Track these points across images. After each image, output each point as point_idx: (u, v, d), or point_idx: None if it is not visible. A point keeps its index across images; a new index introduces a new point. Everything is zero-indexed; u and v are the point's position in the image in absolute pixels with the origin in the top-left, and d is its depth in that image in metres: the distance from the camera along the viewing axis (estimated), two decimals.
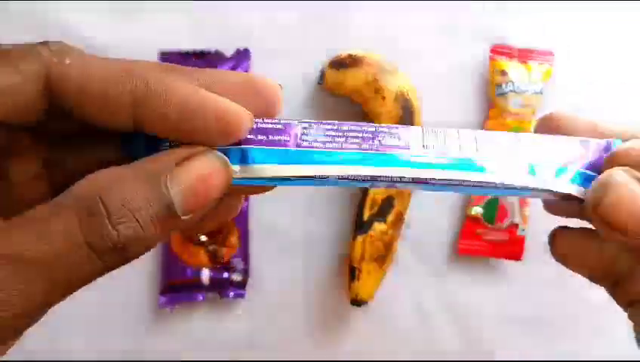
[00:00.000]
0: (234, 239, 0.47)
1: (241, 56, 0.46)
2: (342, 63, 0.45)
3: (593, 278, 0.22)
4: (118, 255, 0.16)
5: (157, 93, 0.17)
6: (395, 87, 0.44)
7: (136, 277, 0.47)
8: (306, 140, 0.20)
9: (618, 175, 0.18)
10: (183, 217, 0.17)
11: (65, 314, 0.47)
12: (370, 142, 0.21)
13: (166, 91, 0.17)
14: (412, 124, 0.44)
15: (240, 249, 0.47)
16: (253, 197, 0.47)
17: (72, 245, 0.15)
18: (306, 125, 0.21)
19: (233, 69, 0.46)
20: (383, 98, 0.44)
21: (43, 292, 0.16)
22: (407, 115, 0.44)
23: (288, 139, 0.20)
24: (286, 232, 0.48)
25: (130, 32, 0.46)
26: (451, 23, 0.48)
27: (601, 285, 0.22)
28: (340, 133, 0.21)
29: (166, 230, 0.17)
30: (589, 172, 0.21)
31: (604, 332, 0.49)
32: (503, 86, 0.47)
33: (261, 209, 0.48)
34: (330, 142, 0.20)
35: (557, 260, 0.23)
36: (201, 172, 0.17)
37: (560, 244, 0.22)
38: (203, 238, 0.47)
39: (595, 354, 0.48)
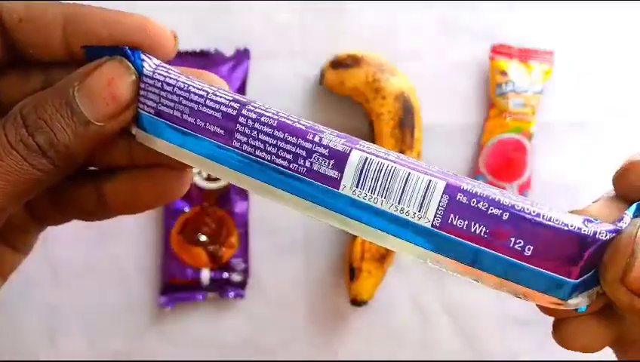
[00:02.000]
0: (234, 239, 0.47)
1: (241, 56, 0.46)
2: (342, 63, 0.45)
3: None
4: (41, 158, 0.18)
5: (84, 12, 0.19)
6: (395, 87, 0.44)
7: (136, 277, 0.47)
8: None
9: None
10: (97, 123, 0.19)
11: (65, 314, 0.47)
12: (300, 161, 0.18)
13: (91, 11, 0.19)
14: (412, 124, 0.44)
15: (240, 249, 0.47)
16: (253, 197, 0.47)
17: (2, 150, 0.18)
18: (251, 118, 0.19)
19: (233, 68, 0.46)
20: (383, 98, 0.44)
21: None
22: (407, 115, 0.44)
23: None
24: (286, 232, 0.48)
25: None
26: (451, 22, 0.48)
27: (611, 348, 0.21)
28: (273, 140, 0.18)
29: (81, 136, 0.19)
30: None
31: None
32: (503, 86, 0.47)
33: (261, 209, 0.48)
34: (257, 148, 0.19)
35: (565, 348, 0.20)
36: (104, 76, 0.19)
37: (566, 330, 0.19)
38: (203, 238, 0.47)
39: (595, 353, 0.48)
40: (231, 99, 0.19)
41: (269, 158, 0.18)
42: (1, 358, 0.46)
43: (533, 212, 0.16)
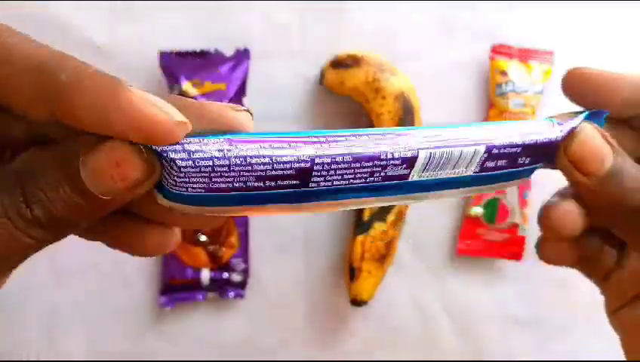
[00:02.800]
0: (234, 239, 0.47)
1: (241, 56, 0.46)
2: (342, 63, 0.45)
3: (582, 272, 0.27)
4: (43, 231, 0.18)
5: (68, 86, 0.16)
6: (395, 87, 0.44)
7: (136, 277, 0.47)
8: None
9: (586, 126, 0.23)
10: (103, 197, 0.17)
11: (65, 314, 0.47)
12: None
13: (79, 83, 0.16)
14: (412, 124, 0.44)
15: (240, 249, 0.47)
16: None
17: None
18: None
19: (233, 68, 0.46)
20: (383, 98, 0.44)
21: None
22: (407, 115, 0.44)
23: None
24: (286, 232, 0.48)
25: (130, 31, 0.46)
26: (451, 22, 0.48)
27: (575, 268, 0.26)
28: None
29: (84, 209, 0.18)
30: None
31: (604, 332, 0.49)
32: (503, 86, 0.47)
33: None
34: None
35: (545, 263, 0.26)
36: (112, 155, 0.17)
37: (549, 253, 0.26)
38: (203, 238, 0.47)
39: (595, 354, 0.48)
40: (296, 159, 0.19)
41: (346, 183, 0.20)
42: (1, 358, 0.46)
43: (532, 140, 0.22)
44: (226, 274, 0.47)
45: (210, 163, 0.18)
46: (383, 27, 0.48)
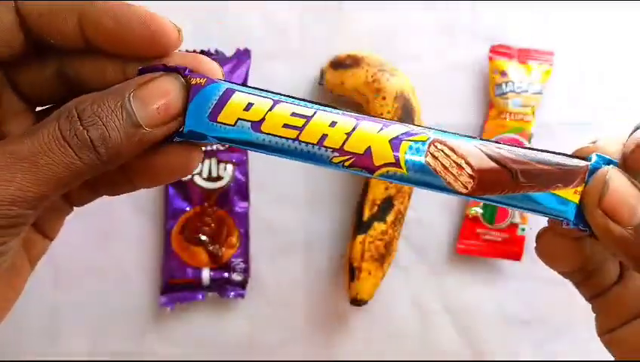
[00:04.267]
0: (234, 239, 0.47)
1: (241, 56, 0.46)
2: (342, 63, 0.45)
3: (565, 273, 0.26)
4: (91, 152, 0.20)
5: (94, 7, 0.21)
6: (395, 87, 0.44)
7: (137, 277, 0.47)
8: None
9: (613, 171, 0.21)
10: (146, 128, 0.20)
11: (65, 314, 0.47)
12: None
13: (102, 6, 0.21)
14: (412, 124, 0.44)
15: (240, 248, 0.47)
16: (253, 197, 0.47)
17: (52, 140, 0.19)
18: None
19: (233, 69, 0.46)
20: (383, 98, 0.44)
21: (34, 182, 0.19)
22: (407, 115, 0.44)
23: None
24: (286, 232, 0.48)
25: None
26: (451, 22, 0.48)
27: (567, 278, 0.26)
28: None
29: (131, 137, 0.20)
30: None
31: None
32: (503, 86, 0.47)
33: (261, 209, 0.48)
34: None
35: (541, 259, 0.25)
36: (159, 88, 0.21)
37: (548, 246, 0.25)
38: (203, 238, 0.47)
39: (594, 354, 0.48)
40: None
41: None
42: (2, 358, 0.46)
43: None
44: (226, 274, 0.47)
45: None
46: (383, 27, 0.48)
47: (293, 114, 0.21)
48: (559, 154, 0.21)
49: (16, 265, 0.23)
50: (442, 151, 0.21)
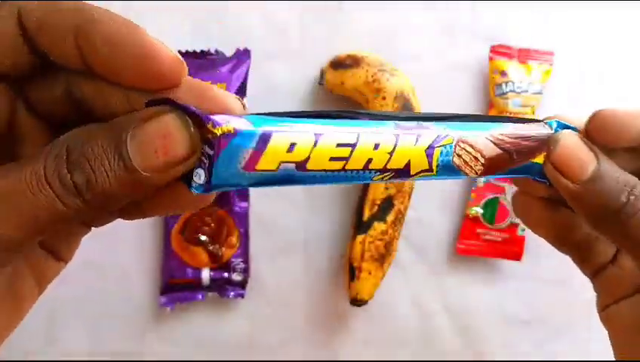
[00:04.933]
0: (234, 239, 0.47)
1: (241, 56, 0.46)
2: (342, 63, 0.45)
3: (555, 244, 0.27)
4: (77, 199, 0.18)
5: (92, 24, 0.18)
6: (395, 87, 0.44)
7: (137, 277, 0.47)
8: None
9: (566, 131, 0.24)
10: (143, 173, 0.18)
11: (65, 313, 0.47)
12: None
13: (100, 26, 0.18)
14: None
15: (240, 248, 0.47)
16: (253, 197, 0.47)
17: (36, 183, 0.17)
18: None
19: (233, 69, 0.46)
20: (383, 98, 0.44)
21: (15, 226, 0.18)
22: None
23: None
24: (286, 232, 0.48)
25: None
26: (451, 22, 0.48)
27: (566, 253, 0.26)
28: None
29: (124, 182, 0.18)
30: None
31: (604, 332, 0.49)
32: (503, 86, 0.47)
33: (261, 209, 0.48)
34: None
35: (519, 219, 0.27)
36: (159, 128, 0.18)
37: (519, 205, 0.26)
38: (203, 238, 0.47)
39: (594, 354, 0.48)
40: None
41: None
42: (1, 358, 0.46)
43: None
44: (226, 274, 0.47)
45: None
46: (383, 27, 0.48)
47: (339, 145, 0.19)
48: (531, 121, 0.24)
49: (17, 294, 0.22)
50: (464, 149, 0.22)
